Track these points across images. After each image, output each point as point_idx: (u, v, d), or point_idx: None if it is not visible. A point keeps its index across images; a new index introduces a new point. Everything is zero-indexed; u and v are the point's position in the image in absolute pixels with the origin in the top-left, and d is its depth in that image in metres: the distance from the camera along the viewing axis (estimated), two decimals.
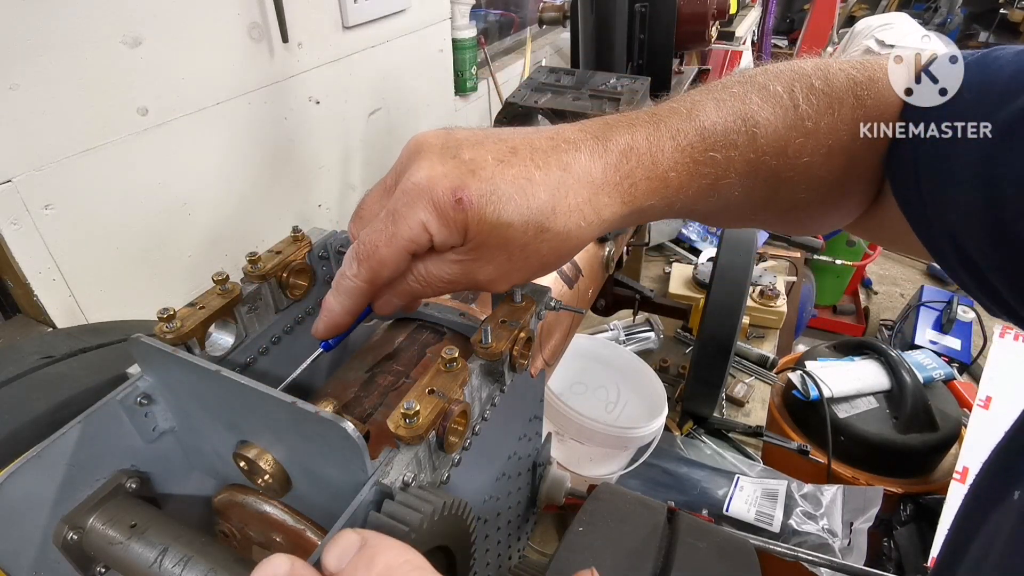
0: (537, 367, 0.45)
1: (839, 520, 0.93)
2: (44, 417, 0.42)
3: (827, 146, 0.36)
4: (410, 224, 0.30)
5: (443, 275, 0.32)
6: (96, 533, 0.30)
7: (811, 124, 0.36)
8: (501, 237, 0.31)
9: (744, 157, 0.35)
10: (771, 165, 0.36)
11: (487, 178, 0.30)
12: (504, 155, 0.31)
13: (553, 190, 0.31)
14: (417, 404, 0.27)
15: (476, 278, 0.32)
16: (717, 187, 0.36)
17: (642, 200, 0.34)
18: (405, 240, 0.30)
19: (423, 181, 0.30)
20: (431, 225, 0.30)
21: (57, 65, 0.80)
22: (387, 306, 0.34)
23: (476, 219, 0.30)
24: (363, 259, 0.31)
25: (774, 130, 0.36)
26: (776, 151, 0.36)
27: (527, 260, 0.32)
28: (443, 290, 0.33)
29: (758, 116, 0.36)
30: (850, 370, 1.40)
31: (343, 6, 1.25)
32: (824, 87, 0.37)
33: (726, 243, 1.00)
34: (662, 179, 0.34)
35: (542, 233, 0.31)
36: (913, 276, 3.25)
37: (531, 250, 0.32)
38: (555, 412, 0.88)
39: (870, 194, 0.42)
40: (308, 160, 1.30)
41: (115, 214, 0.93)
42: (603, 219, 0.33)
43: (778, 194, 0.38)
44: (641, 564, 0.51)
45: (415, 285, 0.33)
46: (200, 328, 0.33)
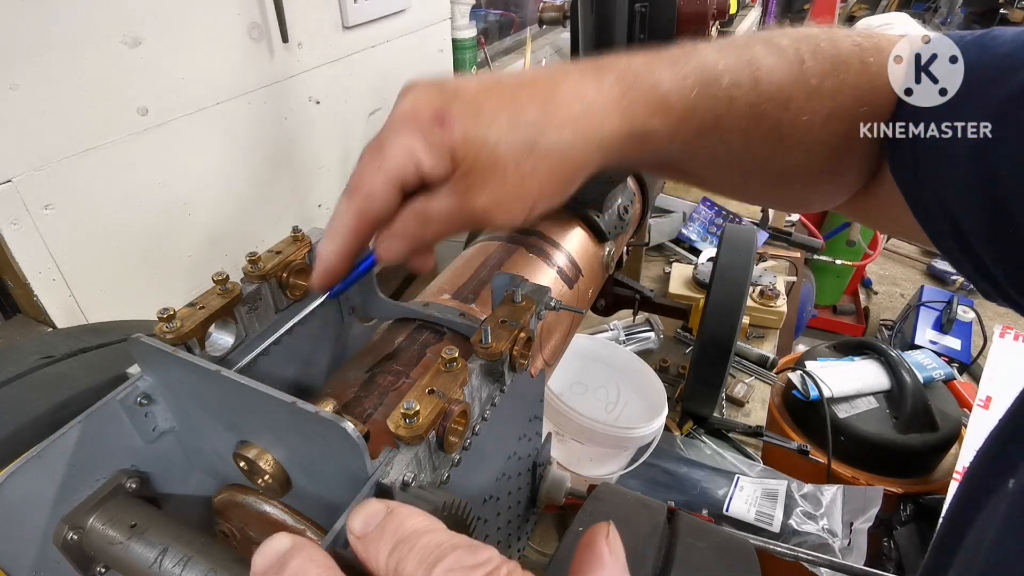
0: (537, 367, 0.45)
1: (839, 520, 0.93)
2: (44, 417, 0.42)
3: (829, 108, 0.36)
4: (396, 151, 0.29)
5: (440, 210, 0.30)
6: (96, 533, 0.30)
7: (815, 82, 0.35)
8: (490, 157, 0.29)
9: (747, 100, 0.35)
10: (773, 116, 0.35)
11: (470, 100, 0.29)
12: (487, 83, 0.31)
13: (542, 105, 0.30)
14: (417, 404, 0.27)
15: (473, 208, 0.30)
16: (720, 128, 0.35)
17: (642, 120, 0.33)
18: (392, 168, 0.29)
19: (407, 109, 0.29)
20: (417, 150, 0.29)
21: (57, 65, 0.80)
22: (389, 251, 0.32)
23: (461, 139, 0.29)
24: (351, 193, 0.30)
25: (778, 80, 0.35)
26: (778, 102, 0.35)
27: (523, 183, 0.30)
28: (443, 228, 0.31)
29: (762, 62, 0.35)
30: (850, 370, 1.40)
31: (343, 6, 1.25)
32: (831, 49, 0.36)
33: (726, 243, 1.00)
34: (662, 102, 0.33)
35: (534, 150, 0.30)
36: (913, 276, 3.25)
37: (526, 170, 0.30)
38: (555, 412, 0.88)
39: (866, 171, 0.41)
40: (308, 160, 1.30)
41: (115, 214, 0.93)
42: (602, 136, 0.31)
43: (776, 154, 0.38)
44: (641, 564, 0.51)
45: (413, 225, 0.31)
46: (200, 328, 0.33)
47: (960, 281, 2.96)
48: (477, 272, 0.54)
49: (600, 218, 0.67)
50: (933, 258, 3.24)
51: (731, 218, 1.70)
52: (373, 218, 0.31)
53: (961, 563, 0.34)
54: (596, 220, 0.66)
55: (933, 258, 3.24)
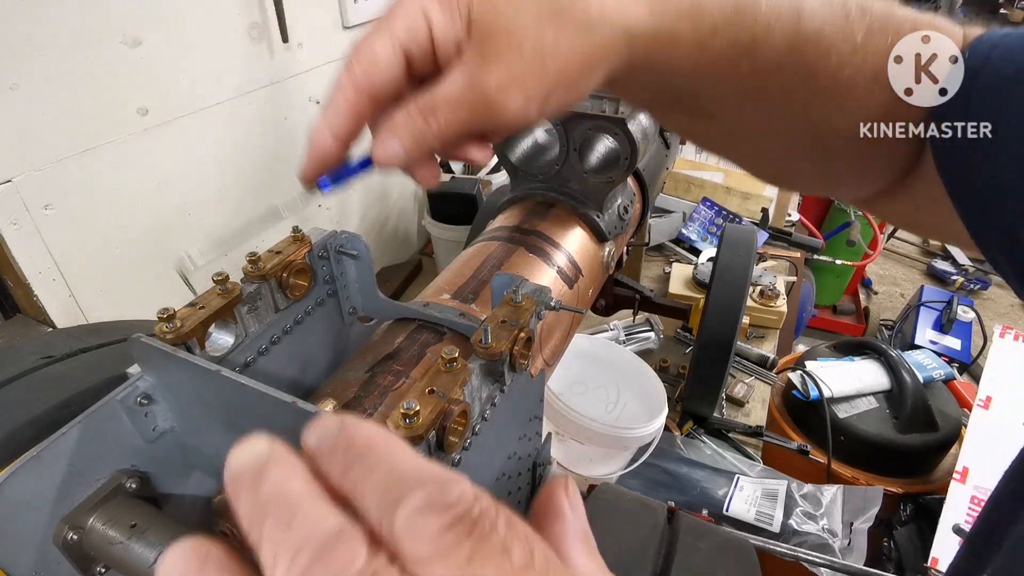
0: (537, 367, 0.45)
1: (839, 520, 0.93)
2: (44, 417, 0.42)
3: (874, 69, 0.33)
4: (407, 10, 0.27)
5: (447, 93, 0.27)
6: (96, 533, 0.30)
7: (860, 38, 0.32)
8: (510, 20, 0.26)
9: (785, 32, 0.32)
10: (812, 62, 0.32)
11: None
12: None
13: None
14: (417, 404, 0.27)
15: (486, 85, 0.27)
16: (754, 56, 0.32)
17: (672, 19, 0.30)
18: (401, 29, 0.26)
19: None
20: (430, 8, 0.26)
21: (57, 65, 0.80)
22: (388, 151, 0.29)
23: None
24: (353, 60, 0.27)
25: (820, 23, 0.32)
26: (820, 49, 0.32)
27: (543, 58, 0.27)
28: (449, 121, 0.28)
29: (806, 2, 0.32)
30: (850, 370, 1.40)
31: (343, 6, 1.25)
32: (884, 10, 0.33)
33: (726, 243, 1.00)
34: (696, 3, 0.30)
35: (558, 17, 0.27)
36: (913, 276, 3.25)
37: (547, 43, 0.27)
38: (555, 412, 0.88)
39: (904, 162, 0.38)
40: None
41: (115, 214, 0.93)
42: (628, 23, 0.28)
43: (812, 108, 0.34)
44: (641, 564, 0.51)
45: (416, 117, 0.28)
46: (200, 328, 0.33)
47: (960, 281, 2.96)
48: (477, 272, 0.54)
49: (600, 218, 0.67)
50: (933, 258, 3.24)
51: (731, 218, 1.70)
52: (374, 91, 0.27)
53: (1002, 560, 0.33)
54: (596, 220, 0.66)
55: (933, 258, 3.24)
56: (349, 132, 0.29)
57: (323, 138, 0.29)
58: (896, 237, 3.34)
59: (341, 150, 0.29)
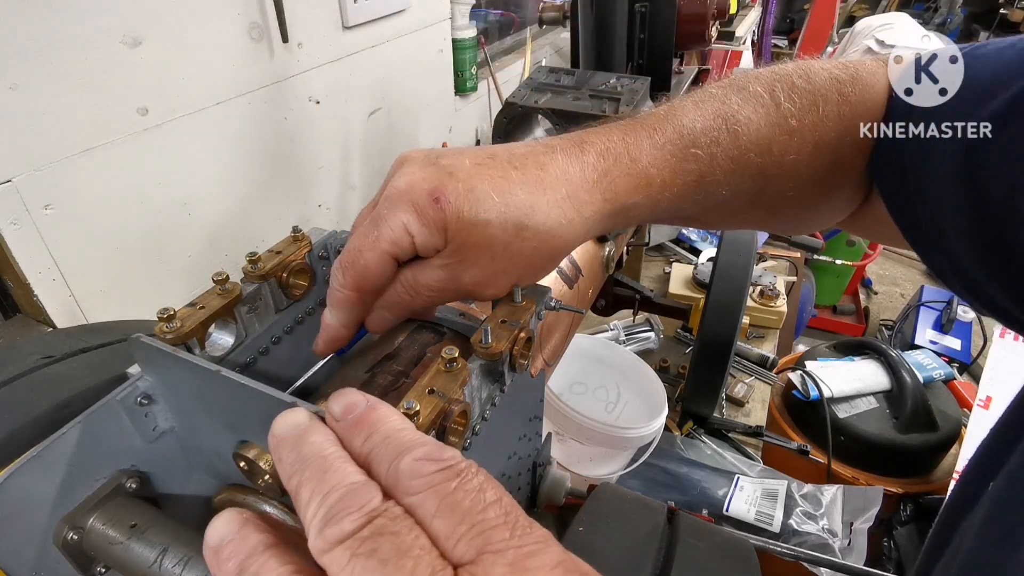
0: (537, 367, 0.45)
1: (839, 520, 0.93)
2: (44, 417, 0.42)
3: (812, 143, 0.37)
4: (391, 226, 0.31)
5: (430, 281, 0.32)
6: (96, 533, 0.30)
7: (795, 122, 0.36)
8: (481, 236, 0.31)
9: (727, 154, 0.36)
10: (756, 163, 0.37)
11: (464, 179, 0.31)
12: (481, 159, 0.32)
13: (531, 188, 0.31)
14: (417, 404, 0.27)
15: (463, 281, 0.32)
16: (703, 184, 0.36)
17: (624, 197, 0.34)
18: (387, 242, 0.31)
19: (403, 185, 0.31)
20: (411, 226, 0.30)
21: (57, 65, 0.80)
22: (379, 322, 0.34)
23: (455, 217, 0.30)
24: (347, 266, 0.32)
25: (756, 128, 0.36)
26: (760, 149, 0.36)
27: (511, 260, 0.32)
28: (432, 299, 0.33)
29: (739, 115, 0.36)
30: (850, 370, 1.40)
31: (343, 6, 1.25)
32: (806, 85, 0.37)
33: (726, 243, 1.00)
34: (643, 175, 0.34)
35: (523, 231, 0.31)
36: (913, 276, 3.25)
37: (514, 249, 0.32)
38: (555, 412, 0.88)
39: (861, 191, 0.42)
40: (308, 160, 1.30)
41: (115, 214, 0.93)
42: (585, 217, 0.33)
43: (765, 192, 0.39)
44: (641, 564, 0.51)
45: (403, 296, 0.33)
46: (200, 328, 0.33)
47: None
48: None
49: None
50: None
51: None
52: (370, 289, 0.32)
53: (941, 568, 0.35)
54: None
55: None
56: (357, 322, 0.34)
57: (332, 328, 0.34)
58: None
59: (350, 336, 0.35)
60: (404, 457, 0.20)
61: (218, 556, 0.20)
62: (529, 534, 0.18)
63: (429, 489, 0.19)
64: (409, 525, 0.18)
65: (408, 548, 0.17)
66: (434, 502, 0.19)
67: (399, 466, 0.19)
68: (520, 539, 0.18)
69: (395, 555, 0.17)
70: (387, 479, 0.20)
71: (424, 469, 0.19)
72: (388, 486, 0.19)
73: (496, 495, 0.19)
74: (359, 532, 0.18)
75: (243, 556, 0.19)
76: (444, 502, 0.18)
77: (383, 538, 0.18)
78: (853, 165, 0.39)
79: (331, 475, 0.19)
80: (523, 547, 0.18)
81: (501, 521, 0.18)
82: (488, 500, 0.19)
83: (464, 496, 0.19)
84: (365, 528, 0.18)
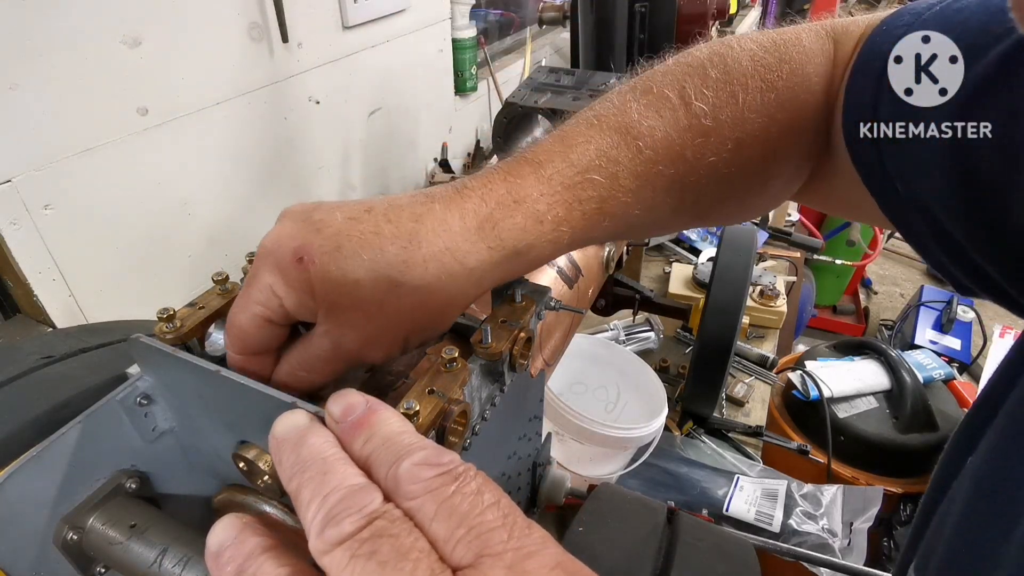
0: (537, 367, 0.45)
1: (839, 520, 0.93)
2: (44, 417, 0.42)
3: (734, 140, 0.34)
4: (259, 287, 0.29)
5: (319, 352, 0.30)
6: (96, 533, 0.30)
7: (709, 122, 0.33)
8: (351, 296, 0.28)
9: (631, 171, 0.33)
10: (668, 174, 0.34)
11: (331, 235, 0.28)
12: (356, 213, 0.30)
13: (404, 243, 0.29)
14: (417, 404, 0.27)
15: (346, 347, 0.30)
16: (607, 209, 0.33)
17: (512, 242, 0.31)
18: (256, 305, 0.29)
19: (270, 244, 0.29)
20: (277, 287, 0.28)
21: (57, 65, 0.80)
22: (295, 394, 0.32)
23: (320, 278, 0.28)
24: (228, 329, 0.30)
25: (664, 136, 0.33)
26: (671, 158, 0.34)
27: (389, 320, 0.29)
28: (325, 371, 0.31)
29: (640, 127, 0.33)
30: (850, 370, 1.40)
31: (343, 6, 1.25)
32: (721, 76, 0.34)
33: (726, 243, 1.00)
34: (531, 215, 0.31)
35: (396, 288, 0.29)
36: (913, 276, 3.25)
37: (390, 308, 0.29)
38: (555, 412, 0.88)
39: (801, 172, 0.39)
40: (308, 160, 1.30)
41: (115, 214, 0.93)
42: (469, 268, 0.30)
43: (685, 201, 0.36)
44: (641, 564, 0.51)
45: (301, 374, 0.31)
46: (200, 328, 0.33)
47: None
48: None
49: None
50: None
51: None
52: (256, 350, 0.30)
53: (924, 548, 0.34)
54: None
55: None
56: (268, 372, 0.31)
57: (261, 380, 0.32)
58: (896, 237, 3.34)
59: None
60: (403, 461, 0.20)
61: (218, 561, 0.20)
62: (528, 535, 0.18)
63: (428, 493, 0.19)
64: (409, 527, 0.18)
65: (408, 550, 0.17)
66: (433, 506, 0.19)
67: (398, 470, 0.20)
68: (519, 541, 0.18)
69: (395, 557, 0.17)
70: (386, 483, 0.20)
71: (423, 474, 0.19)
72: (388, 490, 0.20)
73: (494, 497, 0.19)
74: (359, 533, 0.18)
75: (241, 560, 0.20)
76: (442, 506, 0.19)
77: (383, 540, 0.18)
78: (790, 151, 0.36)
79: (331, 477, 0.20)
80: (521, 549, 0.18)
81: (499, 523, 0.18)
82: (486, 503, 0.19)
83: (462, 499, 0.19)
84: (365, 530, 0.18)
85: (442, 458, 0.20)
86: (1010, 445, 0.29)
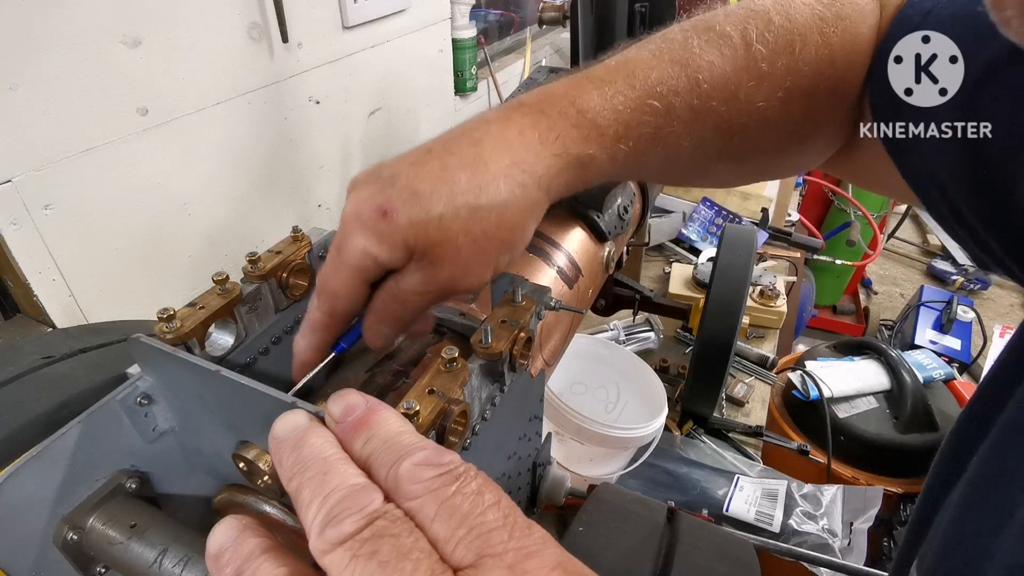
0: (537, 367, 0.45)
1: (839, 520, 0.93)
2: (44, 417, 0.42)
3: (784, 89, 0.34)
4: (351, 251, 0.30)
5: (412, 286, 0.32)
6: (96, 533, 0.30)
7: (766, 66, 0.34)
8: (440, 232, 0.30)
9: (687, 103, 0.34)
10: (720, 112, 0.34)
11: (404, 184, 0.30)
12: (419, 157, 0.31)
13: (471, 167, 0.31)
14: (417, 404, 0.27)
15: (441, 279, 0.31)
16: (661, 136, 0.34)
17: (576, 148, 0.32)
18: (350, 267, 0.31)
19: (351, 209, 0.31)
20: (370, 247, 0.30)
21: (57, 65, 0.80)
22: (377, 337, 0.34)
23: (407, 225, 0.30)
24: (319, 291, 0.32)
25: (721, 74, 0.34)
26: (725, 96, 0.34)
27: (477, 244, 0.31)
28: (420, 303, 0.33)
29: (700, 60, 0.34)
30: (850, 370, 1.40)
31: (343, 6, 1.25)
32: (784, 23, 0.34)
33: (726, 243, 1.00)
34: (592, 126, 0.33)
35: (476, 212, 0.30)
36: (913, 276, 3.25)
37: (476, 233, 0.31)
38: (555, 412, 0.88)
39: (839, 137, 0.40)
40: (308, 160, 1.30)
41: (115, 214, 0.93)
42: (538, 175, 0.32)
43: (731, 143, 0.36)
44: (641, 564, 0.51)
45: (391, 304, 0.32)
46: (200, 328, 0.33)
47: (960, 281, 2.96)
48: None
49: (600, 218, 0.67)
50: (933, 258, 3.24)
51: (731, 218, 1.70)
52: (341, 313, 0.32)
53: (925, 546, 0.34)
54: (596, 220, 0.66)
55: (933, 258, 3.24)
56: (324, 345, 0.34)
57: (304, 352, 0.34)
58: (896, 237, 3.34)
59: (318, 359, 0.34)
60: (403, 461, 0.20)
61: (217, 563, 0.20)
62: (528, 535, 0.18)
63: (428, 494, 0.19)
64: (410, 528, 0.18)
65: (408, 550, 0.17)
66: (433, 506, 0.19)
67: (399, 471, 0.20)
68: (519, 541, 0.18)
69: (395, 557, 0.17)
70: (387, 483, 0.20)
71: (423, 474, 0.19)
72: (388, 490, 0.20)
73: (495, 498, 0.19)
74: (359, 534, 0.18)
75: (240, 561, 0.20)
76: (443, 506, 0.19)
77: (383, 540, 0.18)
78: (831, 112, 0.37)
79: (332, 477, 0.20)
80: (522, 549, 0.18)
81: (500, 523, 0.18)
82: (487, 503, 0.19)
83: (463, 500, 0.19)
84: (366, 530, 0.18)
85: (442, 458, 0.20)
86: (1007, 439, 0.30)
